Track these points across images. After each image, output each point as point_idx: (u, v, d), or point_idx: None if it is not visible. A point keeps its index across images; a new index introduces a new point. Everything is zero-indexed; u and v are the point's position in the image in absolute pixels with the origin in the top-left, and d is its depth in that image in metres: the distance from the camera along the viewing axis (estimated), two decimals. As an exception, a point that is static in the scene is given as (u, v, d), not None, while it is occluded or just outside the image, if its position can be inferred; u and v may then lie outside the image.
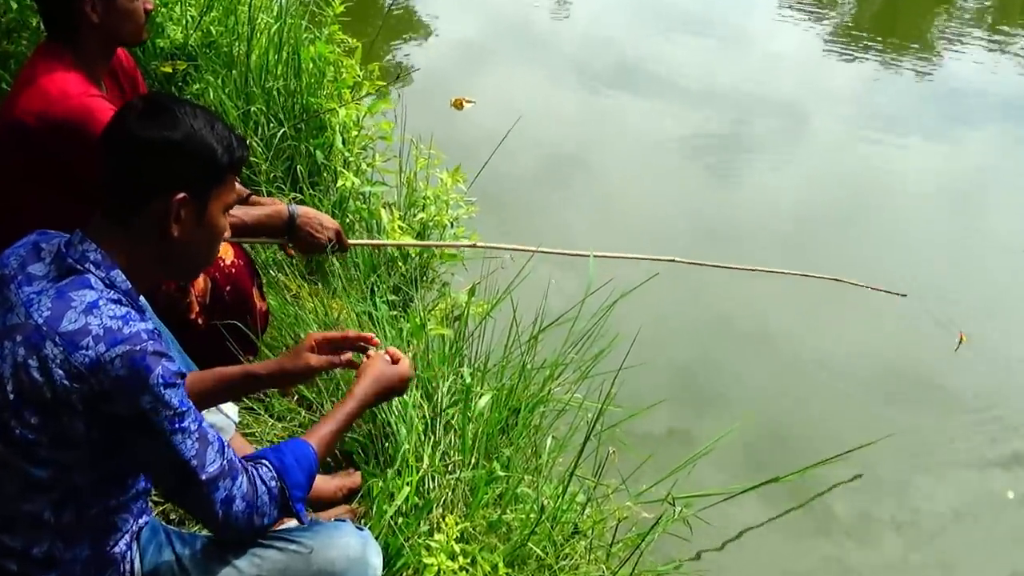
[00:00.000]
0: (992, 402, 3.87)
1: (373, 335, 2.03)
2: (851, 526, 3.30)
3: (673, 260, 3.23)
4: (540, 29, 7.64)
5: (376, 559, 1.83)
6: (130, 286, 1.60)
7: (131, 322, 1.52)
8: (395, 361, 1.99)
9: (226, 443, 1.62)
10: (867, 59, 7.32)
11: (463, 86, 6.05)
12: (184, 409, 1.54)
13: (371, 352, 2.01)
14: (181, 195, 1.57)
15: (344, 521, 1.87)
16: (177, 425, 1.53)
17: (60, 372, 1.47)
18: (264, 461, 1.69)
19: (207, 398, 1.96)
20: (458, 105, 5.77)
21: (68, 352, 1.48)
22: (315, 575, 1.75)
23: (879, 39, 7.76)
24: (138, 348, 1.49)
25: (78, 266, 1.56)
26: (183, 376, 1.58)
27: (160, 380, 1.50)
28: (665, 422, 3.38)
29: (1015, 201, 5.48)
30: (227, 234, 1.73)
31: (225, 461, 1.59)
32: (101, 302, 1.53)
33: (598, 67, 6.91)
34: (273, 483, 1.66)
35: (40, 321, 1.51)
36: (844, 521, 3.31)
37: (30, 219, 1.76)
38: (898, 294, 3.89)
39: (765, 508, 3.22)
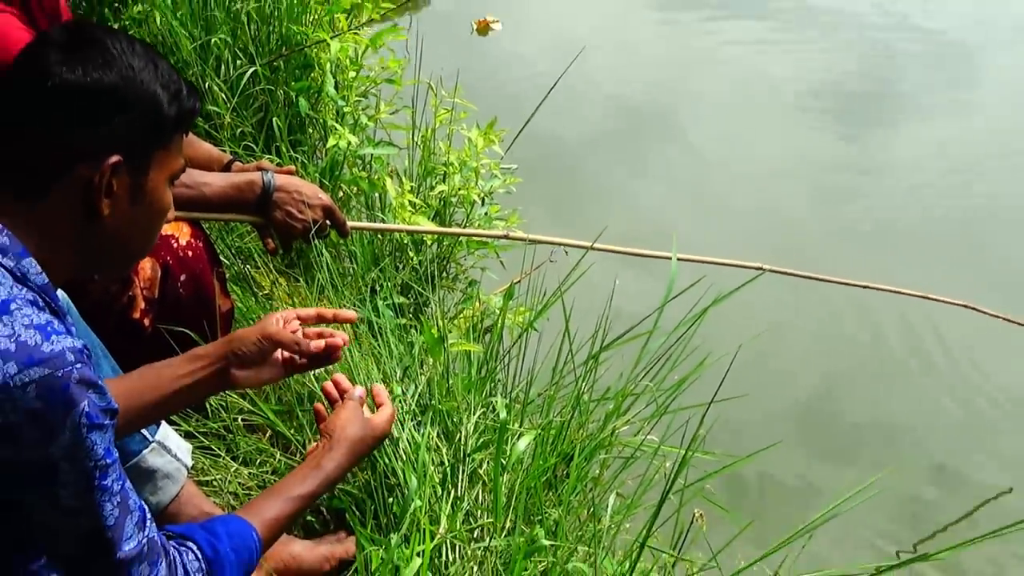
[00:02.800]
0: None
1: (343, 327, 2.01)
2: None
3: (782, 272, 3.15)
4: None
5: None
6: (46, 280, 1.54)
7: (53, 336, 1.44)
8: (378, 406, 1.96)
9: (148, 514, 1.60)
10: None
11: (496, 5, 6.06)
12: (109, 462, 1.49)
13: (347, 396, 2.01)
14: (114, 159, 1.51)
15: None
16: (98, 481, 1.48)
17: None
18: (191, 545, 1.67)
19: (143, 410, 1.93)
20: (483, 29, 5.80)
21: None
22: None
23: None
24: (60, 373, 1.41)
25: None
26: (114, 414, 1.52)
27: (85, 419, 1.44)
28: (775, 474, 3.37)
29: None
30: (171, 214, 1.71)
31: (145, 539, 1.56)
32: (13, 305, 1.44)
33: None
34: None
35: None
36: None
37: None
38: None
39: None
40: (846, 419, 3.89)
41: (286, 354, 1.92)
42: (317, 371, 2.56)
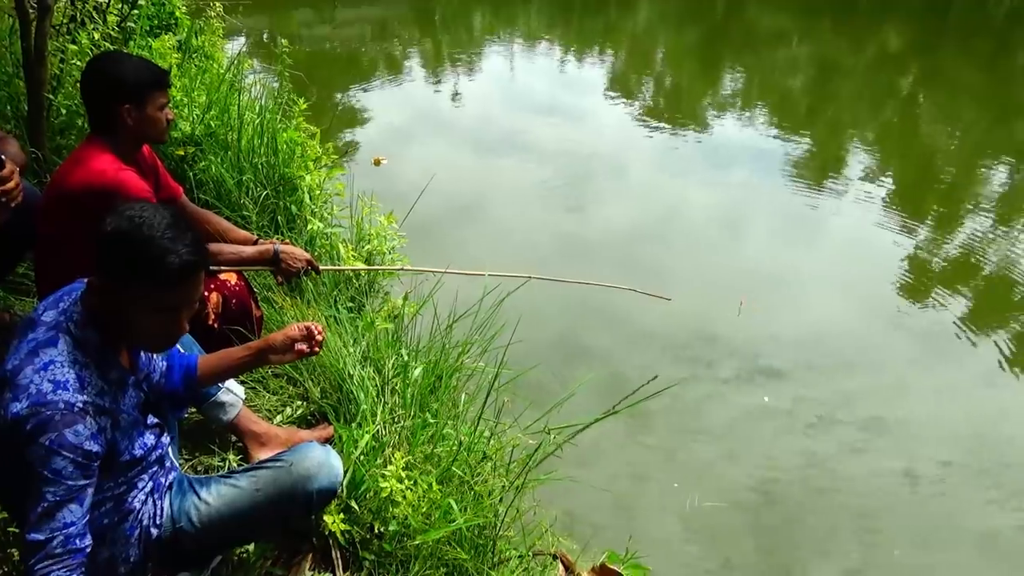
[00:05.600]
0: (759, 346, 4.04)
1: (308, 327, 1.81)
2: (669, 429, 3.40)
3: (530, 277, 3.03)
4: (445, 115, 7.63)
5: (337, 462, 1.81)
6: (101, 345, 1.38)
7: (61, 390, 1.29)
8: (317, 332, 1.80)
9: (73, 538, 1.30)
10: (664, 129, 7.50)
11: (391, 155, 6.00)
12: (51, 479, 1.27)
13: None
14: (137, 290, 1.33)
15: (312, 442, 1.84)
16: (41, 487, 1.27)
17: (3, 415, 1.29)
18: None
19: (218, 374, 1.82)
20: (376, 162, 5.77)
21: (9, 401, 1.29)
22: (296, 479, 1.73)
23: (669, 116, 7.97)
24: (48, 412, 1.27)
25: (63, 323, 1.37)
26: (87, 455, 1.30)
27: (50, 443, 1.26)
28: (545, 379, 3.39)
29: (762, 215, 5.71)
30: (184, 327, 1.46)
31: (54, 540, 1.28)
32: (54, 365, 1.31)
33: (485, 138, 6.93)
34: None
35: (9, 368, 1.33)
36: (665, 427, 3.42)
37: (78, 272, 1.62)
38: (664, 298, 3.35)
39: (620, 430, 3.29)
40: (579, 347, 3.93)
41: (298, 345, 1.79)
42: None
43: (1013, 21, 14.05)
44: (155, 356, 1.70)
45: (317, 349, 1.81)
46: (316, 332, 1.80)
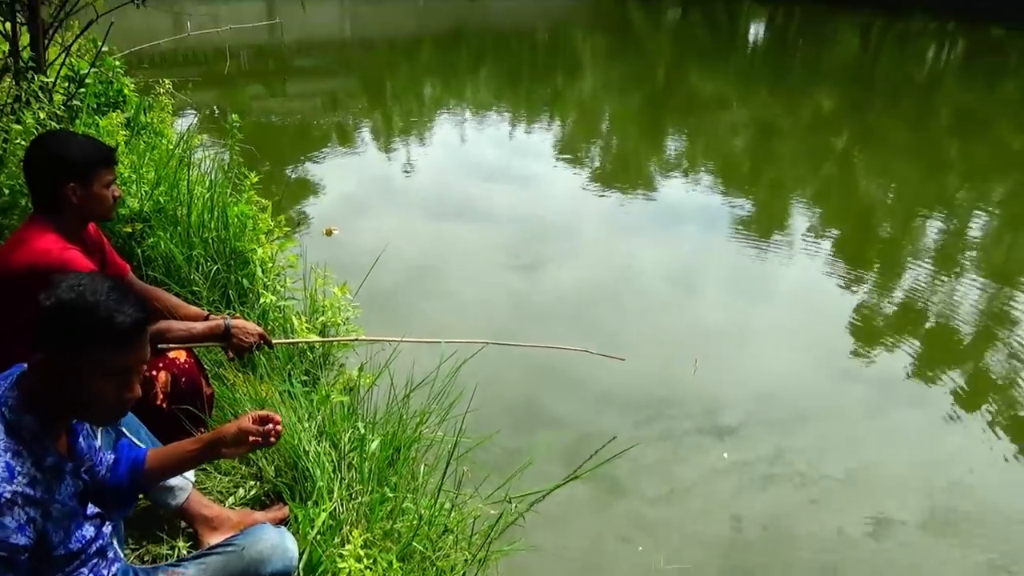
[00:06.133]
0: (716, 403, 4.07)
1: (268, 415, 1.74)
2: (631, 491, 3.37)
3: (486, 343, 3.01)
4: (397, 183, 7.70)
5: (292, 545, 1.75)
6: (38, 431, 1.34)
7: None
8: (273, 421, 1.73)
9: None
10: (613, 192, 7.68)
11: (345, 225, 6.01)
12: None
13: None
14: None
15: (265, 524, 1.78)
16: None
17: None
18: None
19: (168, 469, 1.74)
20: (328, 233, 5.78)
21: None
22: (248, 564, 1.66)
23: (618, 178, 8.18)
24: None
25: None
26: (12, 549, 1.26)
27: None
28: (505, 445, 3.36)
29: (712, 272, 5.84)
30: (137, 392, 1.44)
31: None
32: None
33: (438, 205, 6.99)
34: None
35: None
36: (627, 489, 3.39)
37: (20, 355, 1.56)
38: (619, 358, 3.40)
39: (582, 494, 3.25)
40: (539, 412, 3.91)
41: (252, 437, 1.71)
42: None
43: (933, 85, 14.94)
44: (101, 448, 1.64)
45: (273, 439, 1.73)
46: (273, 420, 1.73)
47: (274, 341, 2.69)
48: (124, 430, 1.96)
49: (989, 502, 3.52)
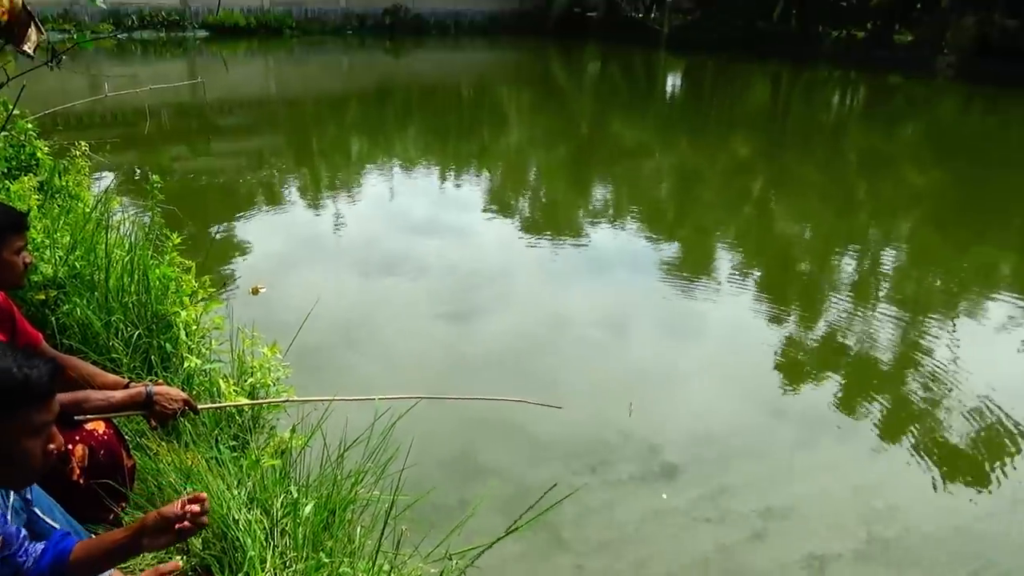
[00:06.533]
0: (653, 445, 4.10)
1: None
2: (573, 539, 3.34)
3: (420, 398, 2.98)
4: (326, 240, 7.63)
5: None
6: None
7: None
8: (200, 502, 1.66)
9: None
10: (543, 241, 7.78)
11: (273, 282, 5.90)
12: None
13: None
14: None
15: None
16: None
17: None
18: None
19: (95, 562, 1.64)
20: (254, 291, 5.64)
21: None
22: None
23: (547, 228, 8.31)
24: None
25: None
26: None
27: None
28: (444, 501, 3.31)
29: (643, 315, 5.95)
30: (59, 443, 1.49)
31: None
32: None
33: (369, 260, 6.95)
34: None
35: None
36: (569, 537, 3.35)
37: None
38: (555, 407, 3.31)
39: (523, 546, 3.20)
40: (474, 465, 3.86)
41: (179, 524, 1.62)
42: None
43: (839, 129, 15.83)
44: (27, 540, 1.54)
45: (204, 520, 1.65)
46: (199, 500, 1.65)
47: (200, 406, 2.60)
48: (36, 510, 1.84)
49: (918, 528, 3.63)
